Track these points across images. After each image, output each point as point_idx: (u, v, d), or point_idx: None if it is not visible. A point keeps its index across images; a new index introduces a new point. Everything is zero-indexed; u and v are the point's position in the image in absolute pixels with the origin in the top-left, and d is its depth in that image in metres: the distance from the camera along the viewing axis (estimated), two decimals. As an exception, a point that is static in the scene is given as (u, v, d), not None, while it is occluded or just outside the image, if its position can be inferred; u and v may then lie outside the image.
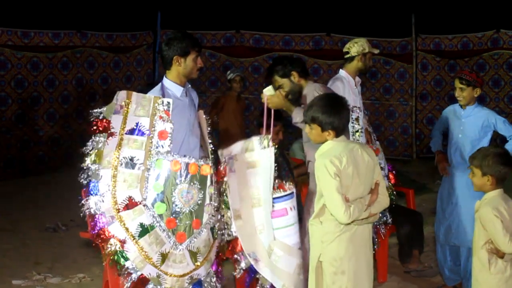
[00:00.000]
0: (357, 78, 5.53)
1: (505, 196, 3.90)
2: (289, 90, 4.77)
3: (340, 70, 5.49)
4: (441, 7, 12.27)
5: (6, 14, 10.33)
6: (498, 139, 9.37)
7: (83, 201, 4.02)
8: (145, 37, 11.78)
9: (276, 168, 4.18)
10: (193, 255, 4.13)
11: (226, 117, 8.51)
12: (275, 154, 4.20)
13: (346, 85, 5.32)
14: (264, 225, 4.22)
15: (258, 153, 4.25)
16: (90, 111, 4.10)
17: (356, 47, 5.40)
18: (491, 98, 11.43)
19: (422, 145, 11.98)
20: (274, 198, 4.20)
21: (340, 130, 3.75)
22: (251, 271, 4.34)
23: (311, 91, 4.65)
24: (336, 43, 12.07)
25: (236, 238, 4.33)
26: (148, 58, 11.89)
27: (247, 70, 12.13)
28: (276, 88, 4.78)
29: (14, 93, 10.19)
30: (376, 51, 5.57)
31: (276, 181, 4.25)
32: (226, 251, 4.50)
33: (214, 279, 4.32)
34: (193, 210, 4.11)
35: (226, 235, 4.35)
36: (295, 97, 4.75)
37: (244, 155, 4.30)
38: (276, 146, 4.26)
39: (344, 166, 3.61)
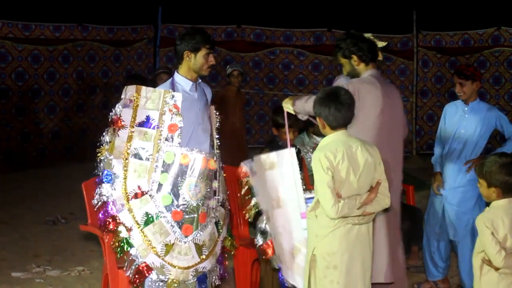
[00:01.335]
0: None
1: None
2: (348, 73, 4.58)
3: None
4: (443, 4, 12.26)
5: (7, 6, 10.33)
6: (498, 137, 9.39)
7: (96, 189, 4.12)
8: (146, 31, 11.78)
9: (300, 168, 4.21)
10: (199, 248, 4.17)
11: (225, 111, 8.49)
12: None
13: None
14: (285, 227, 4.21)
15: (276, 154, 4.26)
16: (112, 109, 4.18)
17: None
18: (491, 95, 11.43)
19: (422, 141, 11.98)
20: (307, 199, 4.19)
21: (331, 123, 3.71)
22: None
23: (350, 82, 4.38)
24: (337, 38, 12.05)
25: (268, 241, 4.36)
26: (149, 52, 11.88)
27: (248, 65, 12.13)
28: (337, 64, 4.65)
29: (15, 85, 10.19)
30: (381, 45, 5.39)
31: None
32: (230, 245, 4.51)
33: (220, 272, 4.37)
34: (200, 204, 4.15)
35: (261, 238, 4.41)
36: None
37: (260, 157, 4.34)
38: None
39: (338, 162, 3.61)
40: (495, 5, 11.62)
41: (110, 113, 4.19)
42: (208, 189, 4.19)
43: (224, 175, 4.44)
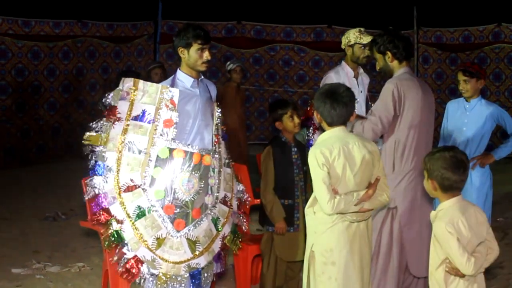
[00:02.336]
0: (360, 70, 5.50)
1: (463, 205, 3.40)
2: (380, 68, 4.66)
3: (342, 61, 5.51)
4: (443, 0, 12.24)
5: (7, 3, 10.32)
6: (498, 133, 9.39)
7: (87, 181, 4.11)
8: (146, 27, 11.76)
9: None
10: (192, 244, 4.15)
11: (225, 108, 8.47)
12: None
13: (342, 76, 5.28)
14: None
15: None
16: (102, 100, 4.16)
17: (343, 39, 5.45)
18: (492, 92, 11.42)
19: (422, 138, 11.96)
20: None
21: (326, 119, 3.72)
22: None
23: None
24: (337, 35, 12.04)
25: None
26: (149, 48, 11.87)
27: (248, 61, 12.12)
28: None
29: (15, 82, 10.19)
30: (365, 41, 5.32)
31: None
32: (232, 243, 4.45)
33: (217, 270, 4.35)
34: (193, 199, 4.14)
35: None
36: (386, 76, 4.60)
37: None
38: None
39: (334, 158, 3.61)
40: (496, 2, 11.60)
41: (103, 101, 4.14)
42: (203, 185, 4.17)
43: (229, 173, 4.43)
